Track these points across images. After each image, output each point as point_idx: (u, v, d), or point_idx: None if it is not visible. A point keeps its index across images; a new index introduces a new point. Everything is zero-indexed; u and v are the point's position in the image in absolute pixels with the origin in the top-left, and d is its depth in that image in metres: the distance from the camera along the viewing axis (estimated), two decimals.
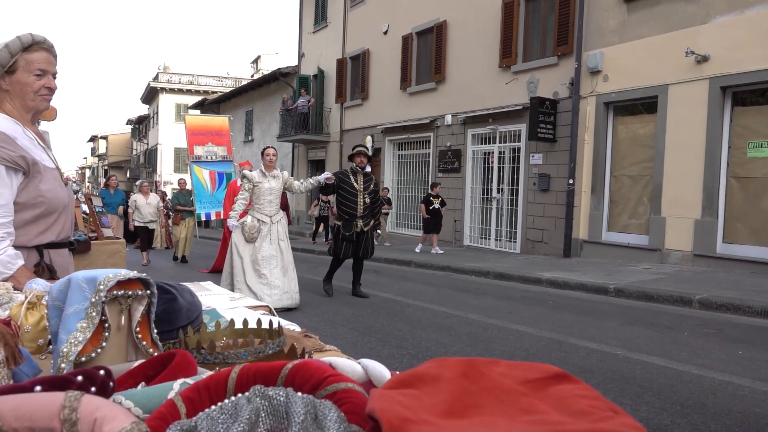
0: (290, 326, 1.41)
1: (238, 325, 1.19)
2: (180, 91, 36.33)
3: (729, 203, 8.49)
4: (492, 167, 12.57)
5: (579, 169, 10.41)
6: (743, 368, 3.89)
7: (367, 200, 6.50)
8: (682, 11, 8.85)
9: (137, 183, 11.99)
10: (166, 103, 36.56)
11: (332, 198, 14.50)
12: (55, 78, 1.74)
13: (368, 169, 6.63)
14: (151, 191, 11.58)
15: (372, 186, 6.61)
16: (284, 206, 13.90)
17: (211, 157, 13.81)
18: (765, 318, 5.54)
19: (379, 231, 7.41)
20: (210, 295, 1.75)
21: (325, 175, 6.36)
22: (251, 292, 5.87)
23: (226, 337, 1.12)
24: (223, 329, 1.15)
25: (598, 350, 4.39)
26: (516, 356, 4.24)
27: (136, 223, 10.88)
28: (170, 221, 12.70)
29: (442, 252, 11.76)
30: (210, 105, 28.82)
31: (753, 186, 8.25)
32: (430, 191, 12.33)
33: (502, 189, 12.30)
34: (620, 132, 10.13)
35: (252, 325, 1.18)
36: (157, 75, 36.95)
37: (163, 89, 36.34)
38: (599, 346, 4.52)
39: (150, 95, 39.12)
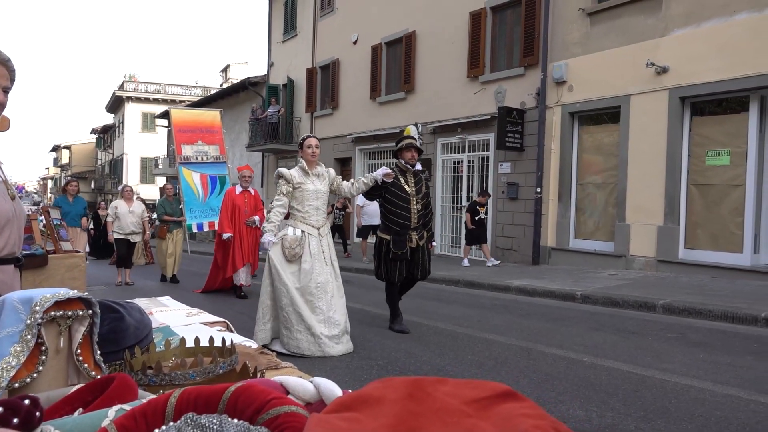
0: (246, 343, 1.38)
1: (190, 343, 1.15)
2: (146, 100, 35.75)
3: (690, 210, 8.75)
4: (462, 176, 12.68)
5: (546, 178, 10.59)
6: (704, 372, 3.98)
7: (420, 207, 5.19)
8: (642, 24, 9.13)
9: (119, 187, 10.10)
10: (132, 112, 35.91)
11: (358, 203, 12.85)
12: (6, 93, 1.66)
13: (418, 166, 5.37)
14: (135, 198, 9.87)
15: (424, 188, 5.30)
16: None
17: (202, 158, 11.83)
18: (724, 321, 5.70)
19: (434, 243, 6.15)
20: (166, 311, 1.70)
21: (383, 171, 4.95)
22: (314, 342, 4.37)
23: (176, 357, 1.08)
24: (174, 348, 1.11)
25: (566, 357, 4.43)
26: (485, 365, 4.25)
27: (116, 235, 9.16)
28: (155, 234, 10.58)
29: (498, 262, 10.73)
30: None
31: (712, 193, 8.52)
32: (476, 199, 10.93)
33: (472, 198, 12.41)
34: (585, 141, 10.35)
35: (204, 343, 1.14)
36: (122, 84, 36.33)
37: (129, 98, 35.73)
38: (566, 353, 4.57)
39: (115, 104, 38.37)
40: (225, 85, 31.03)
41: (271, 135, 18.53)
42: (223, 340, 1.10)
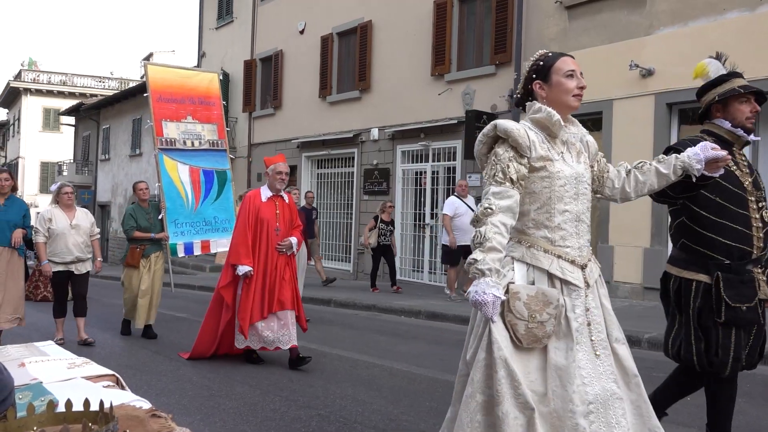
0: (137, 402, 1.34)
1: (61, 407, 1.11)
2: (50, 93, 34.99)
3: None
4: (425, 189, 12.82)
5: None
6: (690, 416, 4.11)
7: (766, 214, 3.17)
8: (626, 21, 9.52)
9: (53, 188, 7.14)
10: (32, 107, 35.02)
11: (446, 212, 9.94)
12: None
13: (752, 137, 3.31)
14: (78, 205, 7.26)
15: (761, 180, 3.28)
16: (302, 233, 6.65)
17: (194, 143, 9.25)
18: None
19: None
20: (43, 362, 1.64)
21: (707, 153, 2.75)
22: None
23: (39, 426, 1.04)
24: (39, 414, 1.06)
25: None
26: (444, 413, 4.25)
27: (52, 266, 6.64)
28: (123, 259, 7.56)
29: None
30: (88, 111, 27.71)
31: None
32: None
33: (436, 214, 12.54)
34: None
35: (78, 405, 1.10)
36: (20, 73, 35.39)
37: (27, 90, 34.90)
38: None
39: (10, 97, 37.30)
40: None
41: None
42: (101, 403, 1.06)
